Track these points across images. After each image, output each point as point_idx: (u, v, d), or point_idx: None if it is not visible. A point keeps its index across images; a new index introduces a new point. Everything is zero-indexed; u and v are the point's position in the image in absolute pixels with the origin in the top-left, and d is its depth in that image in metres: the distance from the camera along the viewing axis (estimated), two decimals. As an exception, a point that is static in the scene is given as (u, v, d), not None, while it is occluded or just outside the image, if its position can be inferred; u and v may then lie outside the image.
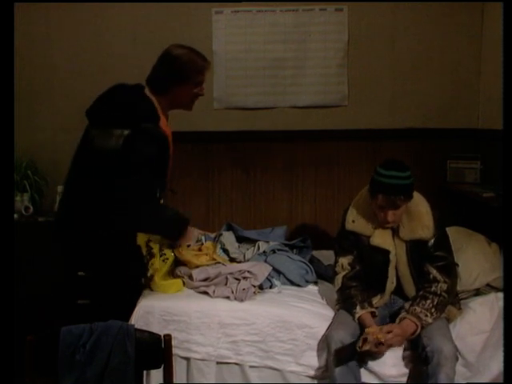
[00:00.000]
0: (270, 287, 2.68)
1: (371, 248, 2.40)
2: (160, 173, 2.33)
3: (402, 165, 2.33)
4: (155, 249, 2.56)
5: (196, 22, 3.49)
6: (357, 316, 2.32)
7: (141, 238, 2.48)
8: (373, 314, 2.33)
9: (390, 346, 2.21)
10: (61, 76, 3.49)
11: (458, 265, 2.52)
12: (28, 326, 2.14)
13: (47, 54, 3.49)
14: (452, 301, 2.41)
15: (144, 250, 2.51)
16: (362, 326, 2.30)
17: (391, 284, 2.42)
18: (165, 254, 2.63)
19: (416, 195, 2.39)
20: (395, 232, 2.39)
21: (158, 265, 2.57)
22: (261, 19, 3.48)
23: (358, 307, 2.33)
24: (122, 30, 3.46)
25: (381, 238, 2.39)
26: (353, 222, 2.44)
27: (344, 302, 2.42)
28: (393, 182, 2.27)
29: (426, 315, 2.26)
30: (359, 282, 2.42)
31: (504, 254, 1.53)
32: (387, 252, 2.38)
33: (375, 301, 2.43)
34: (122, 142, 2.22)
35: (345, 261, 2.46)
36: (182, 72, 2.36)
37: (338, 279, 2.45)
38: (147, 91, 2.39)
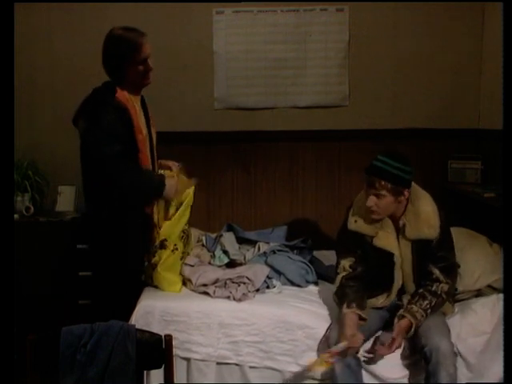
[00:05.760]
0: (267, 287, 2.68)
1: (375, 249, 2.36)
2: (127, 138, 2.39)
3: (399, 156, 2.32)
4: (170, 242, 2.57)
5: (197, 22, 3.49)
6: (342, 314, 2.29)
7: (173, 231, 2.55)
8: (360, 317, 2.29)
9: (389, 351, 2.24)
10: (62, 76, 3.49)
11: (459, 266, 2.52)
12: (29, 326, 2.14)
13: (48, 55, 3.49)
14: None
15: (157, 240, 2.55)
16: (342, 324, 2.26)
17: (398, 284, 2.40)
18: (175, 245, 2.61)
19: (424, 195, 2.39)
20: (400, 232, 2.36)
21: (166, 256, 2.57)
22: (261, 19, 3.48)
23: (344, 305, 2.30)
24: (122, 30, 3.46)
25: (385, 240, 2.35)
26: (355, 221, 2.40)
27: (338, 301, 2.39)
28: (379, 164, 2.27)
29: (422, 315, 2.26)
30: (358, 283, 2.37)
31: (504, 254, 1.53)
32: (391, 254, 2.35)
33: (381, 300, 2.41)
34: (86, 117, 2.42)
35: (346, 263, 2.42)
36: (118, 56, 2.43)
37: (338, 279, 2.42)
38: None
